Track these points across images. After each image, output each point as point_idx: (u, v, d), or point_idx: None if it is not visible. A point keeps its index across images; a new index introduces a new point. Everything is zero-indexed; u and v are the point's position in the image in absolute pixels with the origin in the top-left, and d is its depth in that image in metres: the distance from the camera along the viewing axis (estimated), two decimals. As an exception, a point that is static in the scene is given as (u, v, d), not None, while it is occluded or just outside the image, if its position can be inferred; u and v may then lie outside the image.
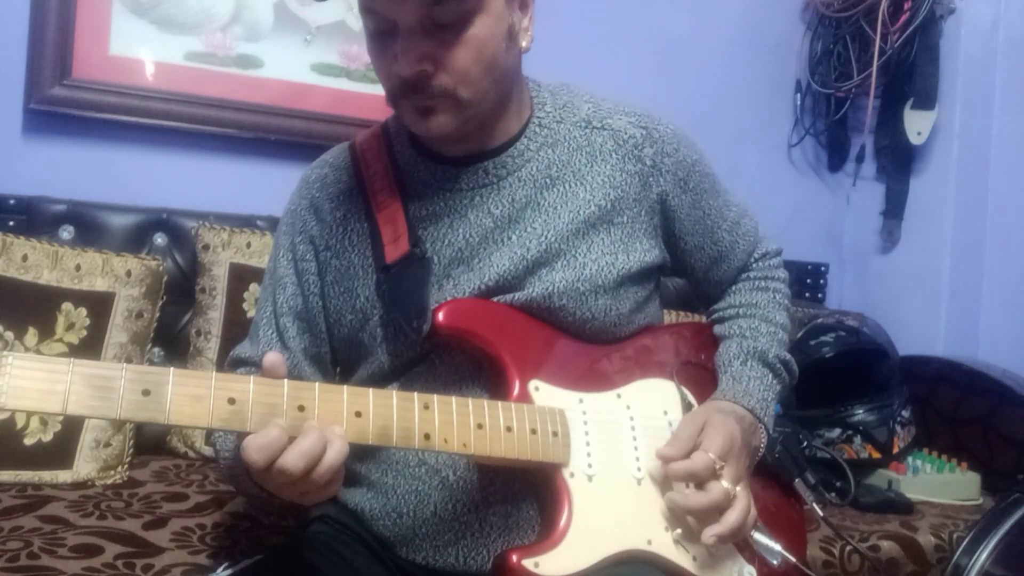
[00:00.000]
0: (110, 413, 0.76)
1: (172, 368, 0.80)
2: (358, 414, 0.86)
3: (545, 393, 1.01)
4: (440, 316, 0.99)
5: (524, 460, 0.95)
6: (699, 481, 0.99)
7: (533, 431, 0.96)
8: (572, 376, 1.05)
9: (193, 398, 0.79)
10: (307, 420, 0.83)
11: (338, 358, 1.15)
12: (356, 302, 1.09)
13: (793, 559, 1.08)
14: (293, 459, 0.80)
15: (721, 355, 1.19)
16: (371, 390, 0.88)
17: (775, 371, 1.17)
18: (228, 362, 1.18)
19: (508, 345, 1.01)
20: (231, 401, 0.81)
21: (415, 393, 0.90)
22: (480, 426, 0.92)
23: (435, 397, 0.91)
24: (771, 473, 1.19)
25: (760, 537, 1.05)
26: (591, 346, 1.09)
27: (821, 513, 1.23)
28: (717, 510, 0.98)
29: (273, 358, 0.84)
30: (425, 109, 0.99)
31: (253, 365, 1.12)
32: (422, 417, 0.89)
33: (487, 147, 1.08)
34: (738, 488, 1.00)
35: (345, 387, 0.87)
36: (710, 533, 0.96)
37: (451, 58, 0.95)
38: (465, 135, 1.04)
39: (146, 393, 0.77)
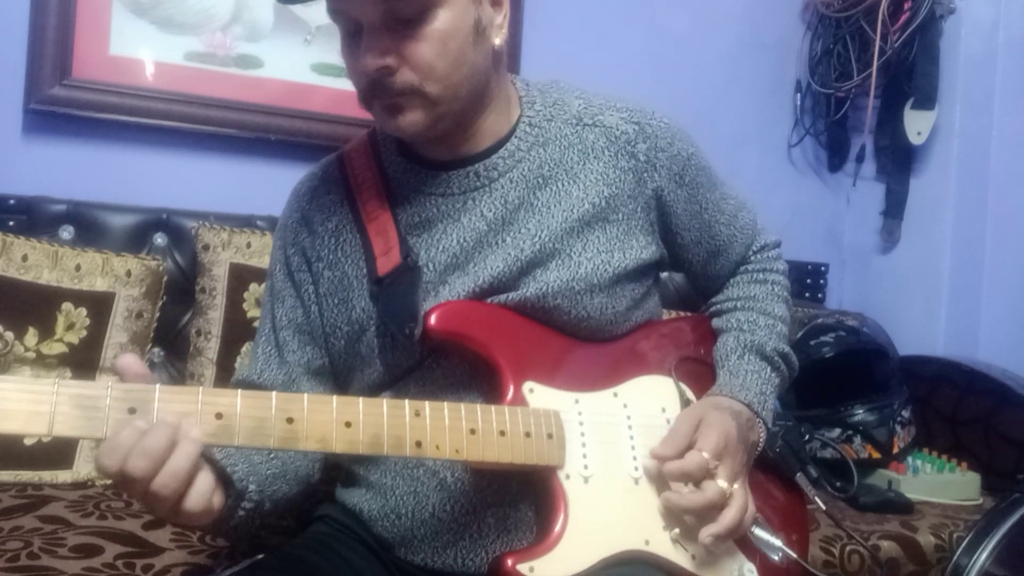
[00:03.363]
0: (96, 433, 0.76)
1: (158, 384, 0.79)
2: (348, 424, 0.85)
3: (540, 394, 1.01)
4: (432, 320, 0.99)
5: (519, 464, 0.95)
6: (693, 480, 0.99)
7: (527, 434, 0.95)
8: (567, 376, 1.04)
9: (180, 415, 0.79)
10: (166, 418, 0.77)
11: (336, 369, 1.15)
12: (351, 313, 1.08)
13: (794, 554, 1.08)
14: (134, 459, 0.75)
15: (719, 349, 1.19)
16: (360, 399, 0.87)
17: (773, 364, 1.17)
18: (231, 385, 1.17)
19: (501, 346, 1.01)
20: (219, 416, 0.80)
21: (406, 400, 0.90)
22: (473, 431, 0.92)
23: (426, 404, 0.90)
24: (772, 468, 1.18)
25: (761, 533, 1.05)
26: (587, 344, 1.08)
27: (823, 507, 1.23)
28: (714, 509, 0.97)
29: (127, 359, 0.80)
30: (394, 107, 0.98)
31: (250, 385, 1.11)
32: (413, 424, 0.88)
33: (475, 149, 1.07)
34: (735, 486, 0.99)
35: (334, 397, 0.86)
36: (707, 532, 0.96)
37: (414, 53, 0.95)
38: (442, 135, 1.03)
39: (132, 411, 0.77)
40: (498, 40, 1.03)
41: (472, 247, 1.05)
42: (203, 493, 0.82)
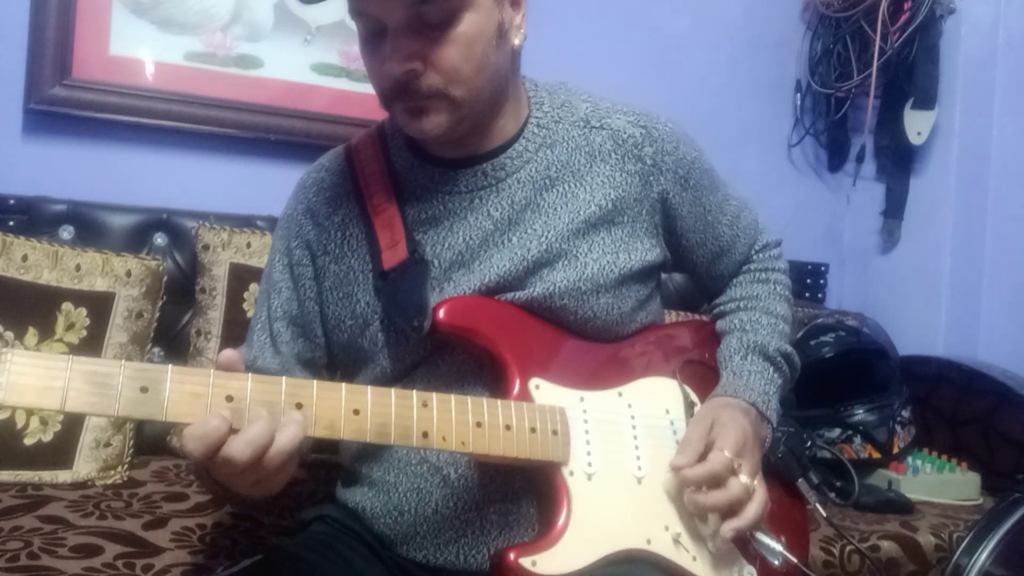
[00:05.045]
0: (108, 410, 0.76)
1: (170, 365, 0.80)
2: (356, 412, 0.86)
3: (546, 391, 1.01)
4: (441, 313, 0.99)
5: (523, 458, 0.95)
6: (719, 482, 0.99)
7: (532, 429, 0.96)
8: (573, 374, 1.04)
9: (191, 395, 0.79)
10: (259, 410, 0.81)
11: (336, 363, 1.15)
12: (356, 307, 1.09)
13: (794, 559, 1.08)
14: (239, 447, 0.78)
15: (722, 350, 1.19)
16: (369, 387, 0.88)
17: (776, 364, 1.17)
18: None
19: (509, 343, 1.01)
20: (229, 399, 0.81)
21: (414, 391, 0.90)
22: (479, 424, 0.92)
23: (434, 395, 0.90)
24: (774, 473, 1.19)
25: (762, 537, 1.05)
26: (593, 344, 1.09)
27: (824, 513, 1.23)
28: (737, 505, 0.98)
29: (228, 355, 0.83)
30: (417, 109, 0.98)
31: (248, 370, 1.11)
32: (420, 415, 0.89)
33: (484, 148, 1.08)
34: (755, 481, 1.00)
35: (343, 384, 0.87)
36: (729, 527, 0.97)
37: (440, 56, 0.95)
38: (460, 136, 1.04)
39: (144, 390, 0.77)
40: (517, 40, 1.04)
41: (478, 246, 1.05)
42: (288, 476, 0.86)
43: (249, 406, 0.81)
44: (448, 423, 0.90)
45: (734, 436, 1.01)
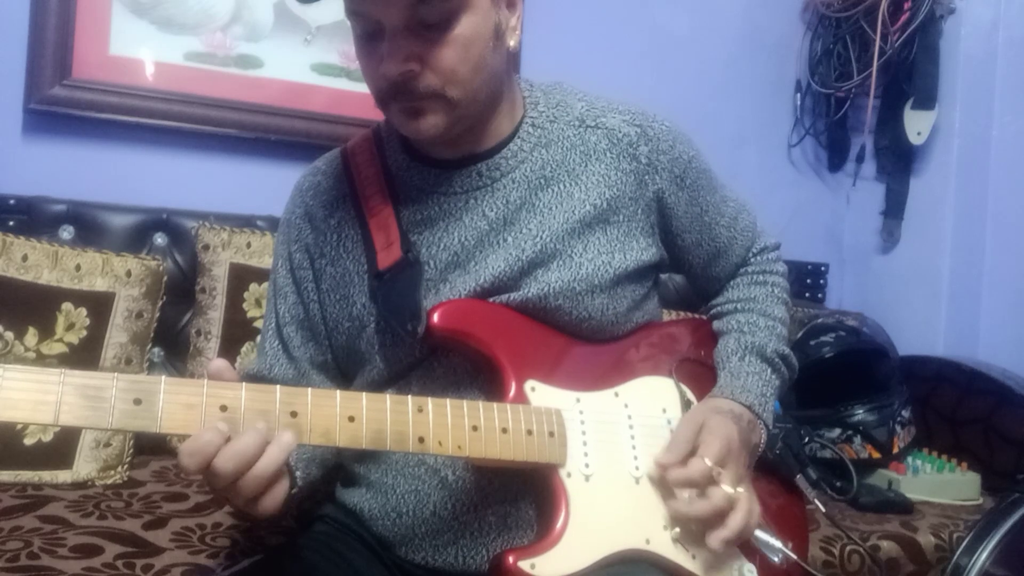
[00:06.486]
0: (102, 423, 0.77)
1: (164, 376, 0.80)
2: (351, 419, 0.86)
3: (541, 393, 1.01)
4: (435, 317, 0.99)
5: (520, 461, 0.95)
6: (697, 487, 0.99)
7: (529, 432, 0.95)
8: (569, 375, 1.04)
9: (185, 406, 0.79)
10: (256, 423, 0.81)
11: (340, 365, 1.15)
12: (352, 309, 1.09)
13: (794, 556, 1.08)
14: (224, 459, 0.78)
15: (719, 351, 1.19)
16: (364, 394, 0.88)
17: (774, 366, 1.17)
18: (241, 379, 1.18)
19: (504, 345, 1.01)
20: (223, 408, 0.81)
21: (409, 396, 0.90)
22: (475, 428, 0.92)
23: (429, 400, 0.90)
24: (772, 470, 1.19)
25: (762, 534, 1.05)
26: (588, 345, 1.08)
27: (823, 509, 1.23)
28: (720, 515, 0.98)
29: (218, 364, 0.83)
30: (414, 110, 0.98)
31: (261, 380, 1.12)
32: (416, 420, 0.89)
33: (479, 149, 1.08)
34: (740, 490, 0.99)
35: (338, 392, 0.87)
36: (716, 538, 0.96)
37: (437, 58, 0.95)
38: (456, 137, 1.04)
39: (137, 402, 0.78)
40: (513, 42, 1.04)
41: (473, 246, 1.05)
42: (280, 496, 0.86)
43: (244, 415, 0.81)
44: (444, 428, 0.90)
45: (718, 445, 1.00)
